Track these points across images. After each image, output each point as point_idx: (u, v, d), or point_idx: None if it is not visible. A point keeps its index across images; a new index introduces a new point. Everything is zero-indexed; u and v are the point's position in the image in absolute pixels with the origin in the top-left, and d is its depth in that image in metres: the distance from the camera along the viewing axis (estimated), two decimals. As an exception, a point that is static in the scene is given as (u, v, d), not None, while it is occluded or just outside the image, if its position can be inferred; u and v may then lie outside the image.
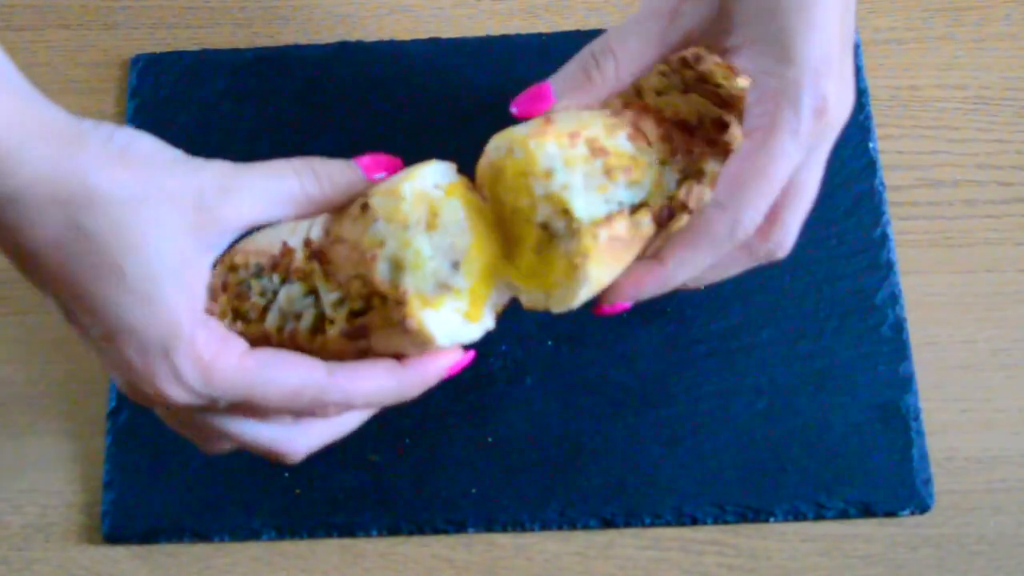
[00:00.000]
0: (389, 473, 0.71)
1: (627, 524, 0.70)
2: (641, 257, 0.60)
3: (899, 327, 0.73)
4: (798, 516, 0.70)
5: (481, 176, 0.59)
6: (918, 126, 0.79)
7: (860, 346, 0.73)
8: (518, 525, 0.70)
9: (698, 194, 0.59)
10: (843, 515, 0.70)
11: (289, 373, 0.56)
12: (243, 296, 0.59)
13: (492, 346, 0.73)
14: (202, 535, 0.70)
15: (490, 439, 0.71)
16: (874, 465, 0.70)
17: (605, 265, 0.57)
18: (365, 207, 0.57)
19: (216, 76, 0.80)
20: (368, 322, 0.57)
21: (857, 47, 0.80)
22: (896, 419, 0.71)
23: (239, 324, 0.59)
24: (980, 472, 0.71)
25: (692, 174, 0.60)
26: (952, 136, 0.79)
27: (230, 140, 0.78)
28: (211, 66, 0.81)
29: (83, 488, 0.72)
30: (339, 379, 0.57)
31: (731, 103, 0.61)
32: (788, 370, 0.72)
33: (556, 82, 0.61)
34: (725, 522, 0.70)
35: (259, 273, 0.59)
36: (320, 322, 0.58)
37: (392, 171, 0.60)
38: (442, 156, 0.71)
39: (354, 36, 0.82)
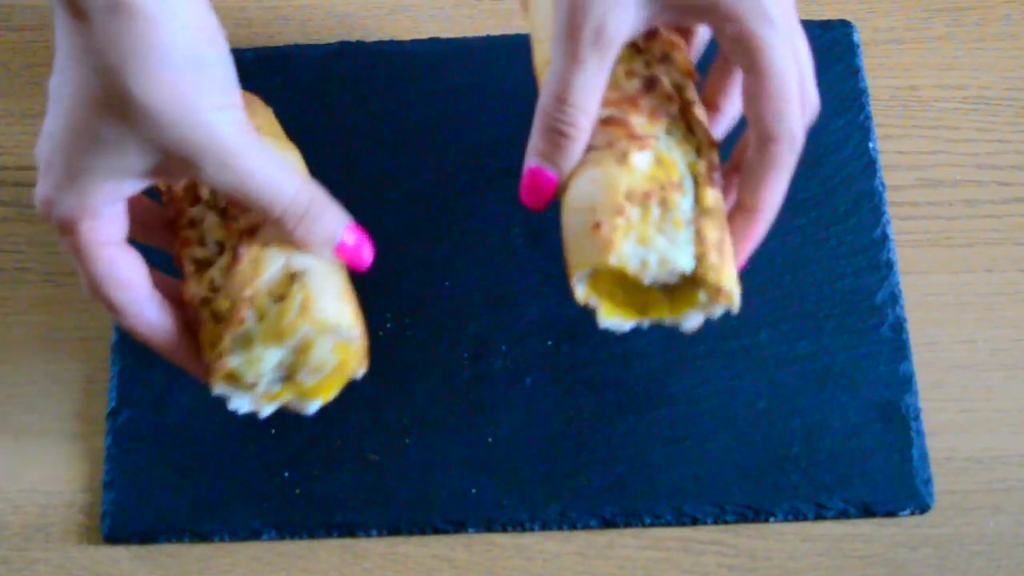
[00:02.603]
0: (389, 473, 0.71)
1: (627, 524, 0.70)
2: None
3: (899, 327, 0.73)
4: (798, 516, 0.70)
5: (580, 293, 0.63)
6: (918, 126, 0.79)
7: (860, 346, 0.73)
8: (518, 525, 0.70)
9: (703, 118, 0.63)
10: (843, 515, 0.70)
11: (120, 290, 0.61)
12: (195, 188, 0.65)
13: (492, 346, 0.73)
14: (202, 535, 0.70)
15: (490, 439, 0.71)
16: (874, 465, 0.70)
17: (727, 259, 0.61)
18: (292, 279, 0.61)
19: (216, 76, 0.80)
20: (205, 329, 0.62)
21: (857, 47, 0.80)
22: (896, 419, 0.71)
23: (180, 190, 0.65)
24: (980, 472, 0.71)
25: (686, 106, 0.63)
26: (952, 136, 0.79)
27: (230, 140, 0.78)
28: (211, 66, 0.81)
29: (83, 488, 0.72)
30: (145, 319, 0.63)
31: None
32: (788, 370, 0.72)
33: (547, 161, 0.62)
34: (725, 522, 0.70)
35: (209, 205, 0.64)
36: (203, 268, 0.63)
37: (357, 266, 0.64)
38: (442, 156, 0.71)
39: (354, 36, 0.82)
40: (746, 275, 0.74)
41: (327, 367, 0.63)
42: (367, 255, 0.64)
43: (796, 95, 0.60)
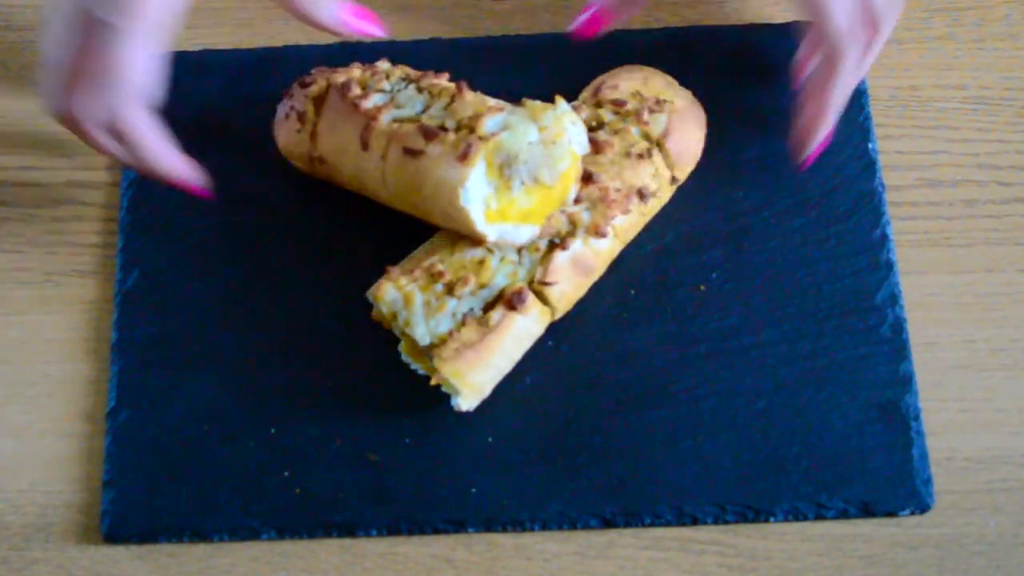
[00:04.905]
0: (389, 473, 0.71)
1: (627, 524, 0.70)
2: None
3: (899, 327, 0.73)
4: (798, 516, 0.70)
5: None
6: (918, 126, 0.79)
7: (860, 346, 0.73)
8: (518, 525, 0.70)
9: (558, 262, 0.69)
10: (843, 515, 0.70)
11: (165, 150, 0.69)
12: (372, 83, 0.72)
13: (492, 346, 0.73)
14: (202, 535, 0.70)
15: (490, 439, 0.71)
16: (874, 465, 0.70)
17: (469, 368, 0.67)
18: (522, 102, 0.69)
19: (216, 76, 0.80)
20: (443, 135, 0.67)
21: (857, 47, 0.80)
22: (896, 419, 0.71)
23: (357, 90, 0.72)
24: (980, 472, 0.71)
25: (551, 248, 0.70)
26: (952, 136, 0.79)
27: (230, 140, 0.78)
28: (211, 66, 0.81)
29: (83, 488, 0.72)
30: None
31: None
32: (788, 370, 0.72)
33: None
34: (725, 522, 0.70)
35: (403, 78, 0.72)
36: (411, 118, 0.69)
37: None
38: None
39: (354, 36, 0.81)
40: (746, 275, 0.74)
41: (564, 164, 0.68)
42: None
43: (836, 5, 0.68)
